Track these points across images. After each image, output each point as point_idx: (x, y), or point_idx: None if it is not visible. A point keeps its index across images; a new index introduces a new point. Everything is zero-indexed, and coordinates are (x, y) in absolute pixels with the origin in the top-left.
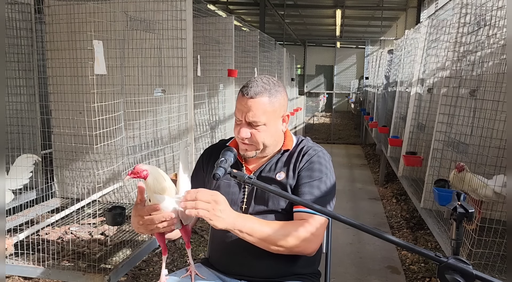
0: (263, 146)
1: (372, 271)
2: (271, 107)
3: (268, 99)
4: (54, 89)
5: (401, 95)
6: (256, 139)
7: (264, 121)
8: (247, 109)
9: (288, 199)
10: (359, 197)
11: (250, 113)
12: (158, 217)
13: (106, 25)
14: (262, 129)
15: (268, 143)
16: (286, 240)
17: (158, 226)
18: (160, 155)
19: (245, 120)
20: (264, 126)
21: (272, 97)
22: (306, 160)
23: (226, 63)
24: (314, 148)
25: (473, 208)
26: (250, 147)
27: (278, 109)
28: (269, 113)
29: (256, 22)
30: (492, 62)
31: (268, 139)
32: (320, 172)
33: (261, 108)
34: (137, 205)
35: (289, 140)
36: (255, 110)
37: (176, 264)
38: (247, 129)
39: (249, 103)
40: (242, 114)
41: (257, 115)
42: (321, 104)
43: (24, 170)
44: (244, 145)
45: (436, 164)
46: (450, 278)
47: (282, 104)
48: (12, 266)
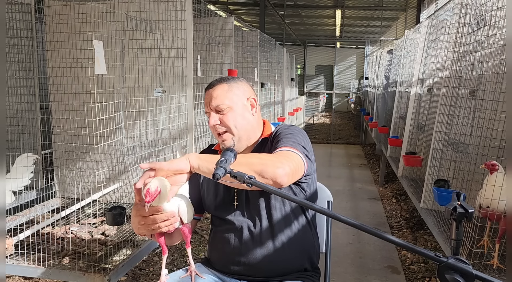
0: (237, 130)
1: (372, 271)
2: (231, 91)
3: (226, 85)
4: (54, 89)
5: (401, 95)
6: (225, 123)
7: (228, 104)
8: (209, 98)
9: (288, 199)
10: (359, 197)
11: (212, 100)
12: (160, 216)
13: (106, 25)
14: (228, 113)
15: (240, 126)
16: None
17: (160, 225)
18: (160, 155)
19: (210, 109)
20: (229, 109)
21: (231, 83)
22: (278, 133)
23: (226, 63)
24: (287, 125)
25: (473, 208)
26: (225, 135)
27: (239, 92)
28: (231, 96)
29: (256, 22)
30: (492, 62)
31: (239, 122)
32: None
33: (221, 93)
34: (136, 205)
35: (268, 129)
36: (215, 95)
37: (176, 264)
38: (216, 115)
39: (210, 92)
40: (208, 105)
41: (218, 99)
42: (321, 104)
43: (24, 169)
44: (220, 137)
45: (436, 164)
46: (450, 278)
47: (243, 89)
48: (12, 266)
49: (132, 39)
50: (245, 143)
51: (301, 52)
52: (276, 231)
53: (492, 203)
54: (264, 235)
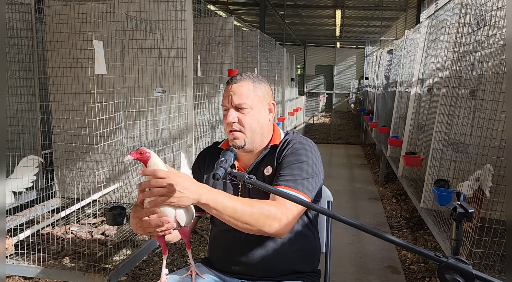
0: (251, 133)
1: (372, 271)
2: (255, 92)
3: (252, 84)
4: (54, 89)
5: (401, 95)
6: (243, 122)
7: (250, 105)
8: (233, 93)
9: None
10: (359, 197)
11: (235, 96)
12: (155, 221)
13: (106, 26)
14: (248, 113)
15: (255, 128)
16: (254, 217)
17: (156, 230)
18: (161, 155)
19: (231, 105)
20: (250, 110)
21: (256, 83)
22: (289, 147)
23: (226, 63)
24: (299, 138)
25: (473, 208)
26: (238, 134)
27: (262, 96)
28: (254, 97)
29: (256, 22)
30: (492, 62)
31: (255, 124)
32: (306, 156)
33: (246, 91)
34: (136, 206)
35: (277, 135)
36: (239, 93)
37: (176, 264)
38: (235, 113)
39: (234, 87)
40: (228, 99)
41: (242, 97)
42: (321, 104)
43: (27, 170)
44: (232, 134)
45: (436, 164)
46: (450, 278)
47: (266, 93)
48: (12, 266)
49: (132, 39)
50: (255, 146)
51: (301, 52)
52: None
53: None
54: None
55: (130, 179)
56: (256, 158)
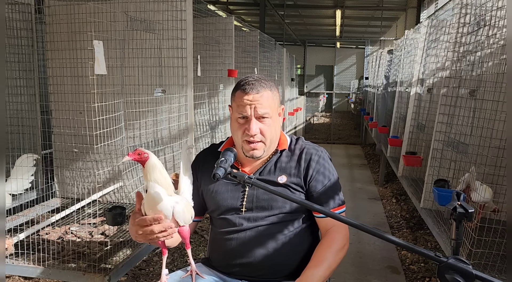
0: (269, 141)
1: (372, 271)
2: (273, 101)
3: (271, 93)
4: (54, 89)
5: (401, 95)
6: (265, 134)
7: (271, 115)
8: (256, 102)
9: (289, 199)
10: (359, 197)
11: (259, 106)
12: (158, 227)
13: (106, 26)
14: (269, 123)
15: (274, 137)
16: (335, 260)
17: (158, 236)
18: (161, 155)
19: (254, 115)
20: (270, 120)
21: (272, 90)
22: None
23: (226, 63)
24: (314, 151)
25: (473, 208)
26: (259, 144)
27: (277, 103)
28: (273, 107)
29: (256, 22)
30: (492, 62)
31: (274, 133)
32: (329, 171)
33: (267, 101)
34: (135, 214)
35: (284, 140)
36: (262, 102)
37: (176, 264)
38: (257, 124)
39: (257, 97)
40: (250, 109)
41: (265, 107)
42: (321, 104)
43: (25, 170)
44: (251, 144)
45: (436, 164)
46: (450, 278)
47: (278, 97)
48: (12, 266)
49: (132, 39)
50: (269, 152)
51: (301, 52)
52: (278, 232)
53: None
54: (266, 236)
55: (130, 179)
56: (264, 163)
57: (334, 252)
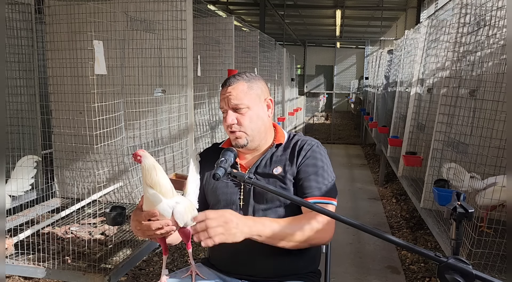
0: (252, 131)
1: (372, 271)
2: (250, 90)
3: (246, 84)
4: (54, 89)
5: (401, 95)
6: (242, 123)
7: (247, 104)
8: (228, 94)
9: (288, 199)
10: (359, 197)
11: (231, 97)
12: (155, 224)
13: (106, 25)
14: (246, 113)
15: (255, 126)
16: (302, 234)
17: (156, 233)
18: (161, 155)
19: (229, 107)
20: (247, 109)
21: (250, 82)
22: (304, 154)
23: (226, 63)
24: (309, 141)
25: (473, 208)
26: (240, 133)
27: (258, 92)
28: (250, 96)
29: (256, 22)
30: (492, 62)
31: (255, 123)
32: (322, 161)
33: (241, 92)
34: (137, 210)
35: (281, 135)
36: (235, 94)
37: (176, 264)
38: (233, 114)
39: (229, 89)
40: (225, 102)
41: (238, 98)
42: (321, 104)
43: (25, 171)
44: (233, 134)
45: (436, 164)
46: (450, 278)
47: (261, 89)
48: (12, 266)
49: (132, 39)
50: (257, 143)
51: (301, 52)
52: None
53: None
54: None
55: (130, 179)
56: (261, 157)
57: (310, 227)
